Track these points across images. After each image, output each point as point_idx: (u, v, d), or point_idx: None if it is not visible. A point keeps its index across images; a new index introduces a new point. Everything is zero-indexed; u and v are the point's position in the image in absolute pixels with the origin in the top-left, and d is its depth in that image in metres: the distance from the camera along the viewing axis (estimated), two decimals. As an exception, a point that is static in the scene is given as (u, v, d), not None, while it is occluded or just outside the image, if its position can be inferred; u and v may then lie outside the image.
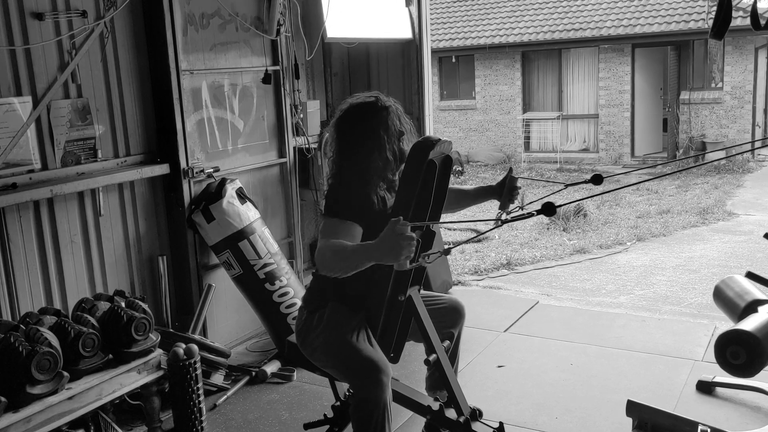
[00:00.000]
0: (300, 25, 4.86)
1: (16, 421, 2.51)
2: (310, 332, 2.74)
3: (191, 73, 4.16)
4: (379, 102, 2.68)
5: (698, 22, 13.44)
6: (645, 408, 3.21)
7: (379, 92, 2.75)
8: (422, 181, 2.59)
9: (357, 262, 2.34)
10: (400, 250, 2.16)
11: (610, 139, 14.91)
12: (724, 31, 2.78)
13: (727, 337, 2.59)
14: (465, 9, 17.14)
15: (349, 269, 2.40)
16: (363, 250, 2.31)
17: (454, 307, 3.01)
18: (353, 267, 2.38)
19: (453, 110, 16.58)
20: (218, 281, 4.27)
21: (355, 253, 2.34)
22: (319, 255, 2.43)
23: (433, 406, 2.84)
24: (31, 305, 3.38)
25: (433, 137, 2.65)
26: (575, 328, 4.68)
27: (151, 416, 3.14)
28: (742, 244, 7.41)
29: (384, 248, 2.19)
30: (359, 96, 2.74)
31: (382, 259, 2.25)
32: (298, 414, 3.57)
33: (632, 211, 9.43)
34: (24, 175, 3.36)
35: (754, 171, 12.72)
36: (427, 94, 5.66)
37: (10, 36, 3.29)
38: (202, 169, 4.18)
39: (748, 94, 13.84)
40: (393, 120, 2.66)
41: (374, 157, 2.61)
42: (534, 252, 7.25)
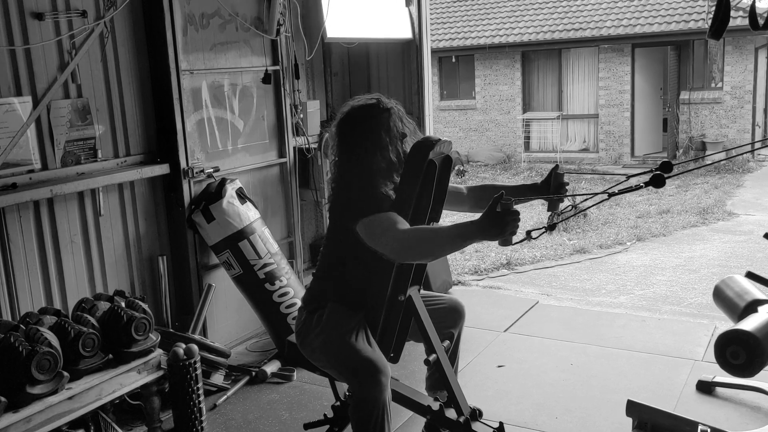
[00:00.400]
0: (300, 25, 4.86)
1: (16, 421, 2.51)
2: (309, 332, 2.74)
3: (191, 73, 4.16)
4: (381, 104, 2.67)
5: (698, 22, 13.43)
6: (645, 408, 3.21)
7: (380, 94, 2.73)
8: (422, 181, 2.60)
9: (454, 242, 2.32)
10: (505, 226, 2.16)
11: (610, 139, 14.91)
12: (722, 31, 2.78)
13: (727, 337, 2.59)
14: (465, 9, 17.14)
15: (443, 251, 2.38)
16: (462, 229, 2.27)
17: (454, 307, 3.01)
18: (449, 248, 2.36)
19: (453, 110, 16.58)
20: (218, 281, 4.27)
21: (450, 233, 2.31)
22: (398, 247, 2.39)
23: (433, 406, 2.84)
24: (31, 305, 3.38)
25: (433, 137, 2.65)
26: (575, 328, 4.68)
27: (151, 416, 3.14)
28: (742, 244, 7.41)
29: (488, 225, 2.18)
30: (360, 98, 2.73)
31: (485, 237, 2.23)
32: (298, 414, 3.57)
33: (632, 211, 9.43)
34: (24, 175, 3.36)
35: (754, 171, 12.72)
36: (427, 94, 5.66)
37: (10, 36, 3.29)
38: (202, 169, 4.18)
39: (748, 94, 13.84)
40: (395, 122, 2.65)
41: (377, 159, 2.60)
42: (534, 252, 7.25)
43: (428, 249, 2.38)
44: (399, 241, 2.40)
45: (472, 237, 2.27)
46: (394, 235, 2.42)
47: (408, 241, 2.39)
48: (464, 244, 2.34)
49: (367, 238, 2.50)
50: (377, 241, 2.47)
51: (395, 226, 2.44)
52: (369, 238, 2.50)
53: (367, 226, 2.50)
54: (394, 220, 2.47)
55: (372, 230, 2.48)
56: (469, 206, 2.95)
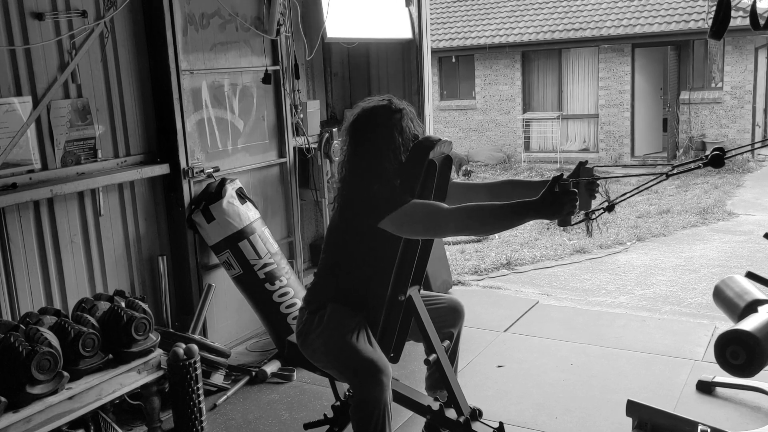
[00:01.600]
0: (300, 25, 4.86)
1: (16, 421, 2.52)
2: (310, 333, 2.74)
3: (191, 73, 4.16)
4: (393, 105, 2.67)
5: (698, 22, 13.44)
6: (645, 408, 3.21)
7: (391, 95, 2.74)
8: (422, 181, 2.60)
9: (511, 219, 2.36)
10: (563, 205, 2.20)
11: (610, 139, 14.91)
12: (723, 30, 2.78)
13: (727, 337, 2.59)
14: (465, 9, 17.14)
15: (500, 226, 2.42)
16: (520, 207, 2.31)
17: (453, 307, 3.02)
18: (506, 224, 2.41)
19: (453, 110, 16.58)
20: (218, 281, 4.27)
21: (506, 209, 2.34)
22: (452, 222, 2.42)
23: (433, 406, 2.84)
24: (31, 305, 3.38)
25: (434, 137, 2.65)
26: (575, 328, 4.68)
27: (151, 416, 3.14)
28: (742, 244, 7.41)
29: (547, 204, 2.22)
30: (371, 99, 2.73)
31: (543, 215, 2.27)
32: (298, 414, 3.57)
33: (632, 211, 9.43)
34: (24, 175, 3.36)
35: (754, 171, 12.71)
36: (427, 94, 5.66)
37: (10, 36, 3.29)
38: (202, 169, 4.18)
39: (748, 94, 13.84)
40: (407, 123, 2.65)
41: (389, 159, 2.60)
42: (534, 252, 7.25)
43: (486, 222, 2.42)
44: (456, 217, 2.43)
45: (530, 215, 2.31)
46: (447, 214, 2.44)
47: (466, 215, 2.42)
48: (520, 221, 2.38)
49: (402, 230, 2.53)
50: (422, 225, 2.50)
51: (437, 207, 2.48)
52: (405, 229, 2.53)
53: (398, 219, 2.51)
54: (431, 204, 2.51)
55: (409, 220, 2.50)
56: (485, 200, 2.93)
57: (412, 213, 2.50)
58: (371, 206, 2.57)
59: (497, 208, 2.38)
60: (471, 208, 2.44)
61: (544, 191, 2.24)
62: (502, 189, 2.83)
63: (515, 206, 2.33)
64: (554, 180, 2.23)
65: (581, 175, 2.61)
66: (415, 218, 2.51)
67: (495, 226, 2.47)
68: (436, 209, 2.49)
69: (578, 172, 2.64)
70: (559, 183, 2.23)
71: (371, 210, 2.56)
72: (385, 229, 2.54)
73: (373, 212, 2.55)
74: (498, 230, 2.48)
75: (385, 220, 2.52)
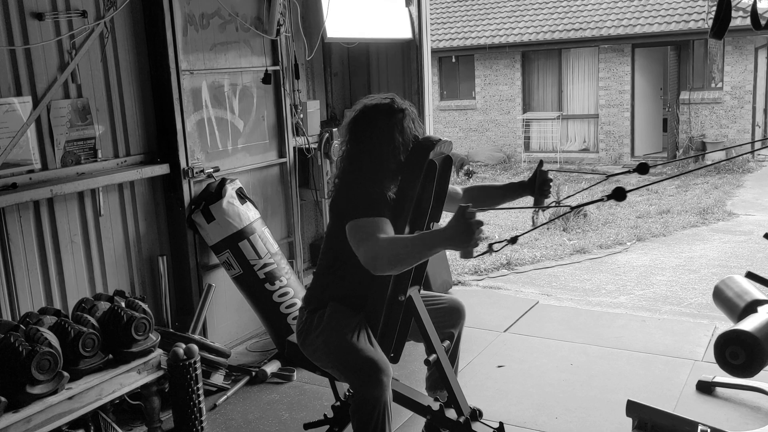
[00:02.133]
0: (300, 25, 4.86)
1: (16, 421, 2.52)
2: (310, 332, 2.74)
3: (191, 73, 4.16)
4: (395, 104, 2.65)
5: (698, 22, 13.44)
6: (645, 408, 3.21)
7: (394, 94, 2.73)
8: (422, 182, 2.60)
9: (421, 252, 2.31)
10: (471, 235, 2.15)
11: (610, 139, 14.91)
12: (723, 30, 2.77)
13: (727, 337, 2.59)
14: (465, 9, 17.14)
15: (412, 261, 2.36)
16: (429, 239, 2.28)
17: (454, 307, 3.01)
18: (417, 258, 2.35)
19: (453, 110, 16.58)
20: (218, 281, 4.27)
21: (417, 243, 2.30)
22: (372, 256, 2.36)
23: (433, 406, 2.84)
24: (31, 305, 3.38)
25: (434, 137, 2.65)
26: (575, 328, 4.68)
27: (151, 416, 3.14)
28: (742, 244, 7.41)
29: (453, 234, 2.17)
30: (374, 97, 2.72)
31: (450, 246, 2.23)
32: (298, 414, 3.57)
33: (632, 211, 9.43)
34: (24, 175, 3.36)
35: (754, 171, 12.72)
36: (427, 94, 5.66)
37: (10, 36, 3.29)
38: (202, 169, 4.18)
39: (748, 94, 13.84)
40: (408, 123, 2.64)
41: (389, 159, 2.59)
42: (534, 252, 7.25)
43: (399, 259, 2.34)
44: (372, 252, 2.37)
45: (440, 245, 2.26)
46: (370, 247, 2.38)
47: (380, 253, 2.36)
48: (431, 252, 2.32)
49: (351, 240, 2.49)
50: (357, 245, 2.45)
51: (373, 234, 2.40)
52: (352, 240, 2.48)
53: (353, 228, 2.48)
54: (375, 228, 2.42)
55: (356, 233, 2.46)
56: None
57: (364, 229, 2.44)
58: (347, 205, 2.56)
59: (407, 241, 2.34)
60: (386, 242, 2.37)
61: (451, 221, 2.19)
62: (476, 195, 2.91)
63: (423, 238, 2.30)
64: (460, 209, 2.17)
65: (538, 176, 2.76)
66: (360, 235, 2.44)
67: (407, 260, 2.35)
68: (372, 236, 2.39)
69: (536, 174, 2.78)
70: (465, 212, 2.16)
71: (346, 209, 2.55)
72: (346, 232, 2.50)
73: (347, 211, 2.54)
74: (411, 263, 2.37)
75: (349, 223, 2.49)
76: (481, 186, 3.03)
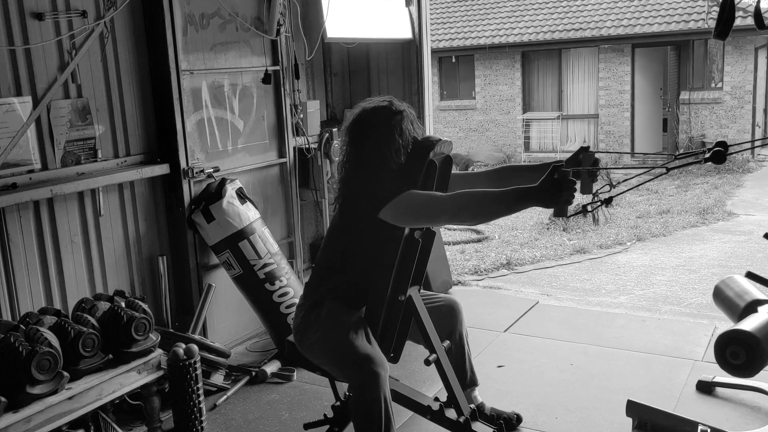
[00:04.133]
0: (300, 25, 4.86)
1: (16, 421, 2.51)
2: (307, 329, 2.74)
3: (191, 73, 4.16)
4: (393, 106, 2.68)
5: (698, 22, 13.43)
6: (645, 408, 3.21)
7: (392, 96, 2.74)
8: (422, 182, 2.60)
9: (509, 205, 2.33)
10: (561, 193, 2.18)
11: (610, 139, 14.91)
12: (727, 31, 2.77)
13: (727, 337, 2.59)
14: (465, 9, 17.14)
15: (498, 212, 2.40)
16: (519, 193, 2.28)
17: (449, 305, 3.02)
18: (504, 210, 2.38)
19: (453, 110, 16.58)
20: (218, 281, 4.26)
21: (504, 195, 2.31)
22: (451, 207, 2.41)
23: (433, 406, 2.84)
24: (31, 305, 3.38)
25: (434, 137, 2.66)
26: (575, 328, 4.68)
27: (151, 416, 3.14)
28: (742, 244, 7.41)
29: (545, 191, 2.19)
30: (372, 100, 2.74)
31: (541, 203, 2.24)
32: (298, 414, 3.57)
33: (632, 211, 9.43)
34: (24, 175, 3.36)
35: (754, 171, 12.71)
36: (427, 94, 5.66)
37: (10, 36, 3.29)
38: (202, 169, 4.18)
39: (748, 94, 13.84)
40: (407, 125, 2.66)
41: (389, 160, 2.61)
42: (534, 252, 7.25)
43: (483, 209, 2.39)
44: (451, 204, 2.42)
45: (528, 201, 2.28)
46: (442, 201, 2.44)
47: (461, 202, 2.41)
48: (518, 208, 2.35)
49: (400, 218, 2.53)
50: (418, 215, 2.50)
51: (434, 195, 2.48)
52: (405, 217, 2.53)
53: (395, 207, 2.52)
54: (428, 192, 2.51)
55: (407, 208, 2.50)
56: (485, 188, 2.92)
57: (410, 200, 2.51)
58: (370, 198, 2.59)
59: (495, 194, 2.37)
60: (469, 194, 2.43)
61: (544, 178, 2.22)
62: (500, 175, 2.83)
63: (514, 192, 2.32)
64: (554, 168, 2.21)
65: (582, 159, 2.56)
66: (413, 205, 2.51)
67: (493, 213, 2.44)
68: (433, 195, 2.50)
69: (578, 156, 2.57)
70: (558, 171, 2.21)
71: (370, 201, 2.58)
72: (384, 219, 2.55)
73: (372, 203, 2.57)
74: (496, 216, 2.45)
75: (384, 209, 2.53)
76: (511, 166, 2.95)
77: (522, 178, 2.84)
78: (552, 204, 2.23)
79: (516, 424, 3.28)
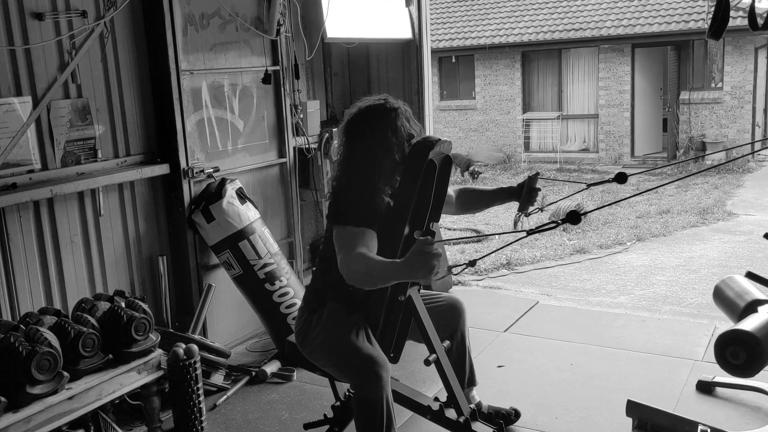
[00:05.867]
0: (300, 25, 4.86)
1: (16, 421, 2.52)
2: (309, 331, 2.75)
3: (191, 73, 4.16)
4: (388, 104, 2.69)
5: (698, 22, 13.43)
6: (645, 408, 3.21)
7: (387, 95, 2.75)
8: (422, 182, 2.60)
9: (386, 278, 2.39)
10: (430, 268, 2.20)
11: (610, 139, 14.91)
12: (722, 30, 2.78)
13: (727, 337, 2.59)
14: (465, 9, 17.14)
15: (378, 284, 2.46)
16: (392, 268, 2.34)
17: (452, 304, 3.02)
18: (382, 283, 2.44)
19: (453, 110, 16.58)
20: (218, 281, 4.27)
21: (384, 269, 2.37)
22: (345, 268, 2.46)
23: (433, 406, 2.84)
24: (31, 305, 3.38)
25: (433, 137, 2.66)
26: (575, 328, 4.68)
27: (151, 416, 3.14)
28: (742, 244, 7.41)
29: (413, 267, 2.23)
30: (367, 99, 2.76)
31: (410, 277, 2.30)
32: (298, 414, 3.57)
33: (632, 211, 9.43)
34: (24, 175, 3.36)
35: (754, 171, 12.72)
36: (427, 94, 5.66)
37: (10, 36, 3.29)
38: (202, 169, 4.18)
39: (748, 94, 13.84)
40: (402, 122, 2.67)
41: (382, 159, 2.62)
42: (534, 252, 7.25)
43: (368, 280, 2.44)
44: (347, 264, 2.46)
45: (400, 276, 2.33)
46: (344, 257, 2.47)
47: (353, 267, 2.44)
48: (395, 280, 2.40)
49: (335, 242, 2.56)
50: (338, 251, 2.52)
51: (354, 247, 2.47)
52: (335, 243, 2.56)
53: (338, 233, 2.55)
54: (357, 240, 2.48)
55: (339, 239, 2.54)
56: (455, 209, 3.02)
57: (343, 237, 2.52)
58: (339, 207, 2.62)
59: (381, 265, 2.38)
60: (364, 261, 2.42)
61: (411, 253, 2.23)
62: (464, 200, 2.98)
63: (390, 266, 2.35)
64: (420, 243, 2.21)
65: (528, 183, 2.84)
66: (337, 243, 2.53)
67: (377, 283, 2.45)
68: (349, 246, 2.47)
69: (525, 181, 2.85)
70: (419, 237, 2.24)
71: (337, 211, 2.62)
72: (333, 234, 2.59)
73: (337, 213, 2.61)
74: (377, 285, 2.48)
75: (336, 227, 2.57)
76: (472, 189, 3.08)
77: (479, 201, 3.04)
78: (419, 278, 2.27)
79: (515, 419, 3.28)
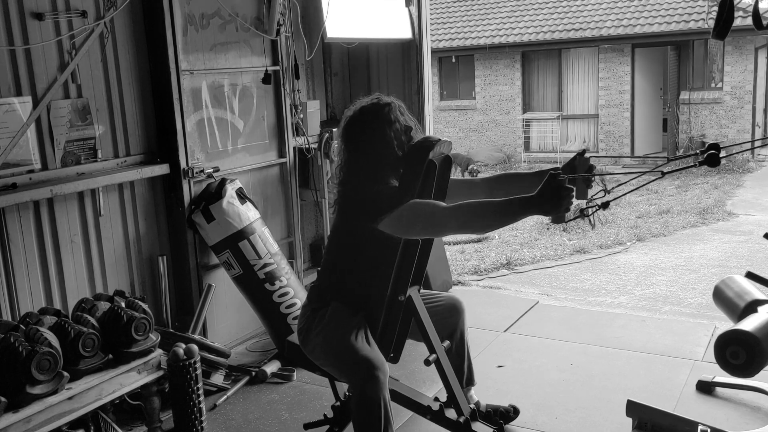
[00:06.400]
0: (300, 25, 4.86)
1: (16, 421, 2.51)
2: (311, 330, 2.76)
3: (191, 73, 4.16)
4: (380, 100, 2.72)
5: (698, 22, 13.44)
6: (645, 408, 3.21)
7: (379, 94, 2.77)
8: (422, 182, 2.60)
9: (510, 215, 2.36)
10: (560, 201, 2.20)
11: (610, 139, 14.91)
12: (726, 31, 2.76)
13: (727, 337, 2.59)
14: (465, 9, 17.14)
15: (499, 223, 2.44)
16: (518, 203, 2.31)
17: (452, 304, 3.03)
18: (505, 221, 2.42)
19: (453, 110, 16.58)
20: (218, 281, 4.27)
21: (504, 206, 2.34)
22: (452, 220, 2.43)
23: (433, 406, 2.84)
24: (31, 305, 3.38)
25: (433, 137, 2.67)
26: (575, 328, 4.68)
27: (151, 416, 3.14)
28: (742, 244, 7.41)
29: (544, 200, 2.22)
30: (360, 101, 2.78)
31: (541, 211, 2.27)
32: (298, 414, 3.57)
33: (632, 211, 9.43)
34: (24, 175, 3.36)
35: (754, 171, 12.71)
36: (427, 94, 5.66)
37: (10, 36, 3.29)
38: (202, 169, 4.18)
39: (748, 94, 13.84)
40: (396, 115, 2.69)
41: (384, 154, 2.64)
42: (534, 252, 7.25)
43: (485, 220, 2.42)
44: (454, 217, 2.43)
45: (528, 211, 2.31)
46: (446, 214, 2.45)
47: (464, 215, 2.42)
48: (519, 217, 2.38)
49: (401, 230, 2.54)
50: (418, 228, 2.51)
51: (436, 206, 2.48)
52: (404, 229, 2.54)
53: (396, 220, 2.52)
54: (428, 203, 2.52)
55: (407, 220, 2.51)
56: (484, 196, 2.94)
57: (411, 212, 2.51)
58: (370, 207, 2.59)
59: (496, 205, 2.38)
60: (470, 206, 2.44)
61: (542, 187, 2.24)
62: (499, 183, 2.85)
63: (513, 202, 2.33)
64: (551, 176, 2.23)
65: (578, 165, 2.63)
66: (414, 218, 2.51)
67: (494, 223, 2.47)
68: (435, 208, 2.49)
69: (573, 162, 2.66)
70: (555, 178, 2.23)
71: (370, 211, 2.58)
72: (384, 230, 2.55)
73: (372, 213, 2.57)
74: (497, 227, 2.51)
75: (384, 221, 2.53)
76: (510, 174, 2.99)
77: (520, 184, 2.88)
78: (552, 212, 2.26)
79: (514, 416, 3.28)
